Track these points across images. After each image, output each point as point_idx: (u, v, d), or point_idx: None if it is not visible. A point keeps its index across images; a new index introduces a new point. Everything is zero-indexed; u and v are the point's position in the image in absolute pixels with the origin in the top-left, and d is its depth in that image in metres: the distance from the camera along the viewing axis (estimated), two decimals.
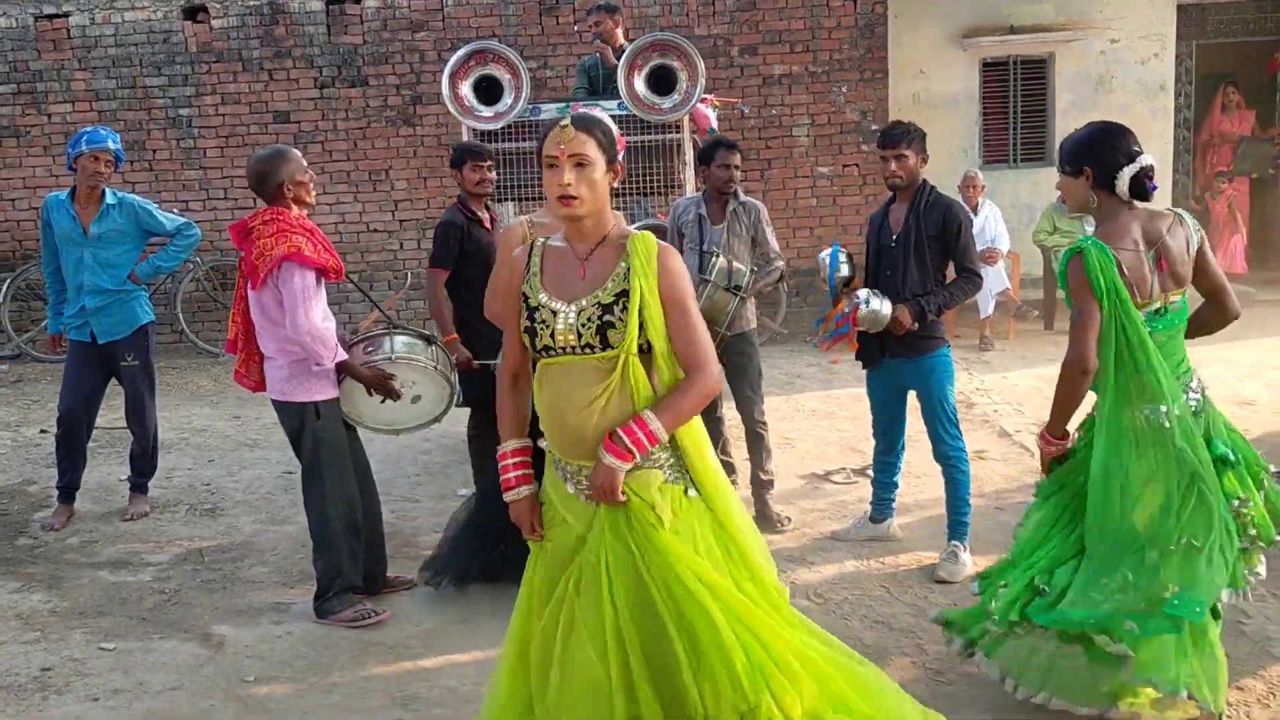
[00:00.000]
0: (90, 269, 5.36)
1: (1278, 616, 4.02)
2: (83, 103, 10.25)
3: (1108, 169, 3.24)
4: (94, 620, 4.41)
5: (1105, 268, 3.15)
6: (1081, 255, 3.16)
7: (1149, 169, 3.24)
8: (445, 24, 10.15)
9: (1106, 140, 3.28)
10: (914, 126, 4.59)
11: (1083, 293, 3.16)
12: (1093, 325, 3.16)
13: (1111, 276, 3.15)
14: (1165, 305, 3.25)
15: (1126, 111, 11.37)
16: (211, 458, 6.75)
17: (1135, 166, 3.21)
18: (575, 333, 2.65)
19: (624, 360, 2.65)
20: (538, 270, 2.76)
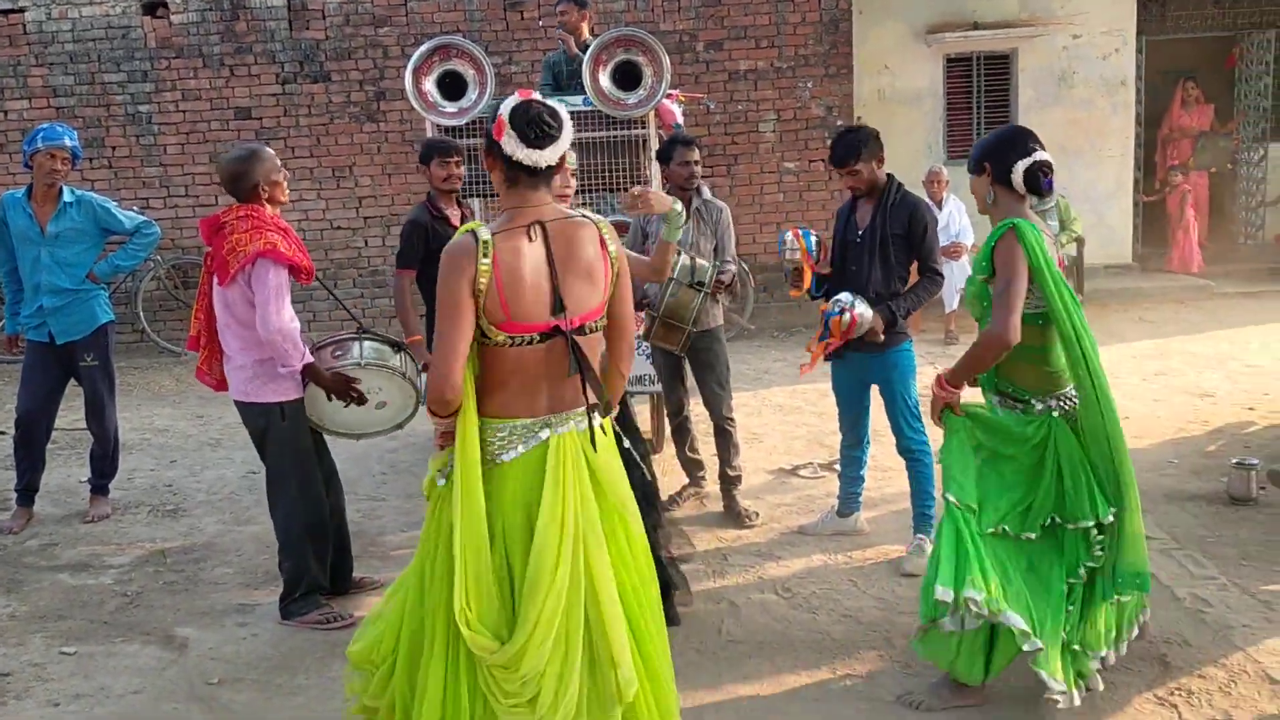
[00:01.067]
0: (48, 268, 5.28)
1: (1238, 605, 4.07)
2: (40, 99, 10.10)
3: (1005, 164, 3.38)
4: (54, 624, 4.34)
5: (1040, 243, 3.25)
6: (1015, 230, 3.24)
7: (1043, 164, 3.36)
8: (408, 19, 10.08)
9: (1006, 139, 3.45)
10: (862, 134, 4.56)
11: (1017, 266, 3.22)
12: (1019, 297, 3.22)
13: (1045, 252, 3.24)
14: None
15: (1088, 106, 11.52)
16: (174, 458, 6.67)
17: (1029, 160, 3.35)
18: None
19: None
20: None
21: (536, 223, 2.75)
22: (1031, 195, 3.41)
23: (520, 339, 2.71)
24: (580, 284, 2.76)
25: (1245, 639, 3.80)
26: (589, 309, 2.79)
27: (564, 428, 2.77)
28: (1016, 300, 3.21)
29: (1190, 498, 5.28)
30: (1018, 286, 3.22)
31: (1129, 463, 3.36)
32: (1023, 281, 3.22)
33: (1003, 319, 3.21)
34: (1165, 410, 6.86)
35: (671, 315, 4.87)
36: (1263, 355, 8.24)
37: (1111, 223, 11.72)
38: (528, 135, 2.73)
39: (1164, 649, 3.75)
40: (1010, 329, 3.21)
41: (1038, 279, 3.24)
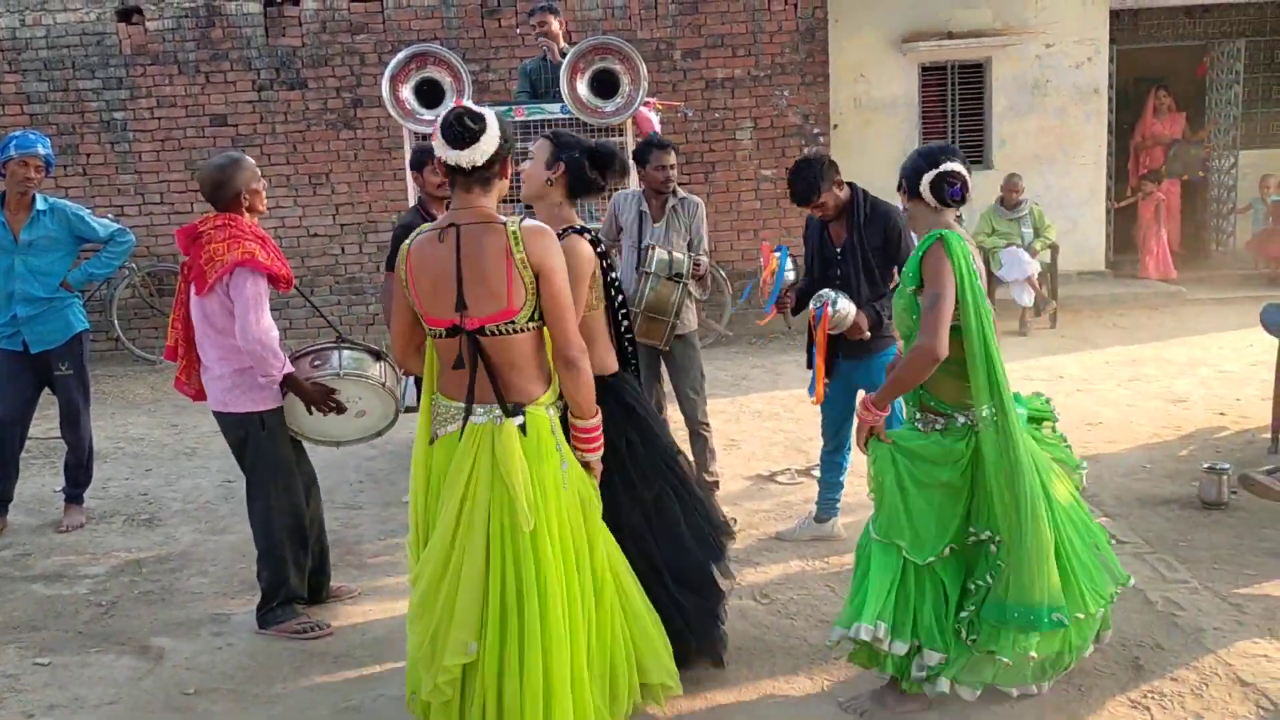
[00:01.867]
0: (21, 277, 5.24)
1: (1210, 609, 4.11)
2: (13, 106, 10.03)
3: (914, 180, 3.36)
4: (28, 635, 4.31)
5: (966, 254, 3.20)
6: (942, 240, 3.20)
7: (948, 174, 3.28)
8: (385, 26, 10.07)
9: (919, 155, 3.42)
10: (816, 168, 4.52)
11: (945, 277, 3.16)
12: (948, 311, 3.16)
13: (970, 264, 3.20)
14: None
15: (1062, 115, 11.63)
16: (149, 467, 6.63)
17: (934, 172, 3.29)
18: None
19: None
20: None
21: (451, 225, 2.98)
22: (944, 206, 3.34)
23: (435, 331, 3.03)
24: (480, 287, 2.94)
25: (1217, 642, 3.84)
26: (491, 312, 2.95)
27: (480, 418, 3.01)
28: (946, 313, 3.15)
29: (1163, 502, 5.33)
30: (948, 300, 3.15)
31: (1025, 498, 3.18)
32: (952, 294, 3.15)
33: (932, 333, 3.14)
34: (1138, 415, 6.93)
35: (653, 309, 4.90)
36: (1234, 361, 8.33)
37: (1085, 230, 11.82)
38: (448, 136, 2.95)
39: (1136, 652, 3.78)
40: (940, 343, 3.14)
41: (958, 292, 3.17)
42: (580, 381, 3.07)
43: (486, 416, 3.01)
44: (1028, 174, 10.71)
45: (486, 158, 2.96)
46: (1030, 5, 11.50)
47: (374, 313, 10.33)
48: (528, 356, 3.04)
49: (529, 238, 2.97)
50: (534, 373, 3.06)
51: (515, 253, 2.94)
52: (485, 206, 3.03)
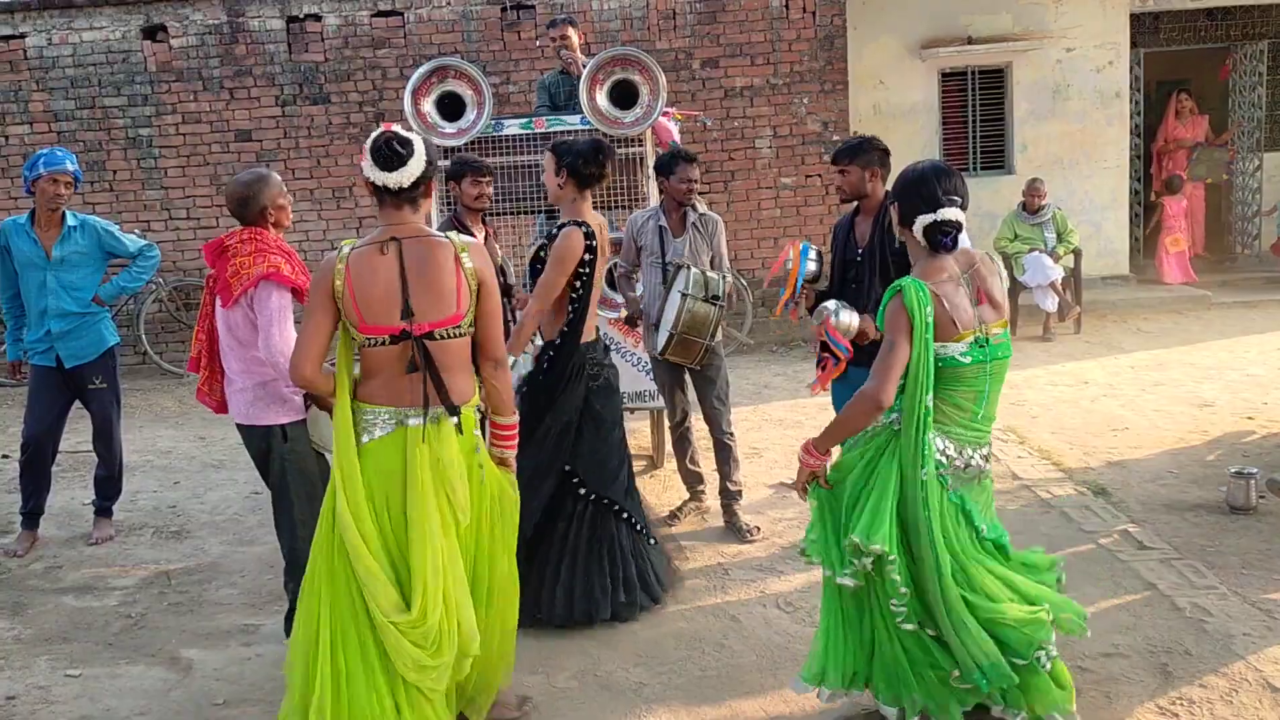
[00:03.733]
0: (54, 292, 5.30)
1: (1239, 614, 4.08)
2: (41, 124, 10.16)
3: (908, 212, 3.23)
4: (59, 646, 4.36)
5: (922, 304, 3.11)
6: (901, 292, 3.13)
7: (944, 224, 3.15)
8: (407, 41, 10.15)
9: (917, 185, 3.22)
10: (868, 143, 4.57)
11: (899, 327, 3.12)
12: (899, 363, 3.12)
13: (926, 317, 3.10)
14: (986, 335, 3.20)
15: (1083, 119, 11.58)
16: (177, 479, 6.69)
17: (930, 218, 3.15)
18: None
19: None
20: None
21: (392, 239, 3.21)
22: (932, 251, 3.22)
23: (374, 340, 3.17)
24: (428, 295, 3.16)
25: (1246, 648, 3.81)
26: (439, 317, 3.17)
27: (416, 420, 3.19)
28: (895, 362, 3.12)
29: (1190, 507, 5.29)
30: (899, 349, 3.11)
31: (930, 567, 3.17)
32: (904, 344, 3.11)
33: (879, 380, 3.12)
34: (1164, 420, 6.88)
35: (690, 331, 4.91)
36: (1261, 365, 8.26)
37: (1108, 234, 11.76)
38: (377, 160, 3.27)
39: (1165, 658, 3.76)
40: (885, 391, 3.11)
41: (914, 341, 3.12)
42: (506, 382, 3.42)
43: (420, 419, 3.20)
44: (1050, 179, 10.67)
45: (413, 179, 3.24)
46: (1050, 10, 11.46)
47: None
48: (464, 360, 3.30)
49: (473, 253, 3.27)
50: (468, 375, 3.33)
51: (464, 264, 3.22)
52: (416, 222, 3.30)
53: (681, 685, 3.81)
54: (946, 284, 3.18)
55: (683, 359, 5.06)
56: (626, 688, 3.81)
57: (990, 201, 11.30)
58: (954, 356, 3.18)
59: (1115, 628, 4.03)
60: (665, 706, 3.66)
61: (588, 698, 3.72)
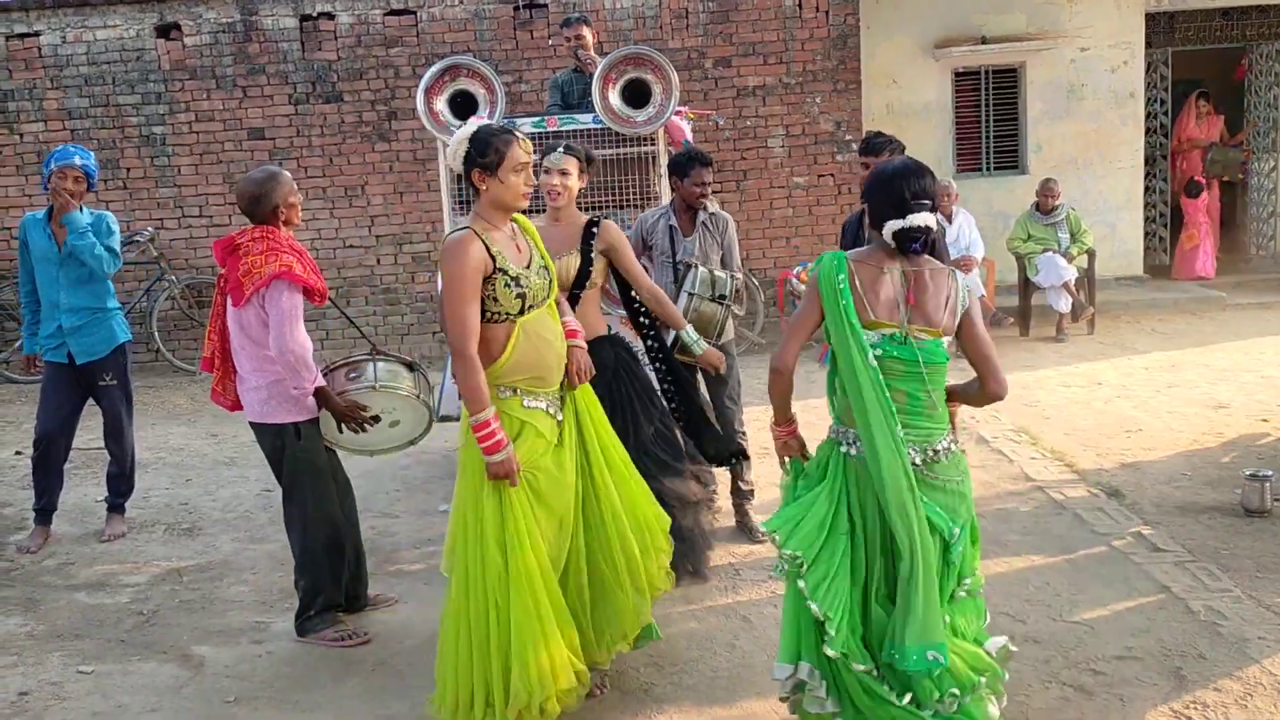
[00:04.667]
0: (65, 287, 5.33)
1: (1253, 618, 4.06)
2: (55, 121, 10.20)
3: (877, 214, 3.13)
4: (72, 643, 4.37)
5: (833, 273, 3.07)
6: (820, 264, 3.15)
7: (914, 230, 3.04)
8: (419, 39, 10.16)
9: (888, 184, 3.12)
10: (894, 139, 4.64)
11: (808, 294, 3.15)
12: (801, 327, 3.17)
13: (834, 283, 3.05)
14: (906, 335, 3.06)
15: (1097, 119, 11.53)
16: (189, 477, 6.71)
17: (900, 223, 3.04)
18: (543, 288, 3.53)
19: (553, 302, 3.64)
20: (499, 251, 3.45)
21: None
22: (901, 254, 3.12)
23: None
24: None
25: (1261, 651, 3.79)
26: None
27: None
28: (795, 327, 3.18)
29: (1204, 510, 5.26)
30: (803, 312, 3.15)
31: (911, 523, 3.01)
32: (806, 310, 3.13)
33: (780, 344, 3.23)
34: (1178, 422, 6.85)
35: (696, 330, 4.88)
36: (1276, 366, 8.21)
37: (1122, 235, 11.71)
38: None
39: (1179, 662, 3.74)
40: (779, 354, 3.19)
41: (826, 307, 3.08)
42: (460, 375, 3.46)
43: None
44: (1064, 179, 10.62)
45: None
46: (1064, 9, 11.41)
47: (409, 323, 10.41)
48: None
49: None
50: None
51: None
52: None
53: (692, 686, 3.80)
54: (868, 268, 3.09)
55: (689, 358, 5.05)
56: (636, 688, 3.80)
57: (1004, 201, 11.26)
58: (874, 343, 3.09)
59: (1128, 631, 4.01)
60: (675, 707, 3.66)
61: (598, 697, 3.72)
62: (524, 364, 3.46)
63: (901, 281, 3.11)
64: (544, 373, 3.50)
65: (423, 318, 10.40)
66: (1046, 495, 5.60)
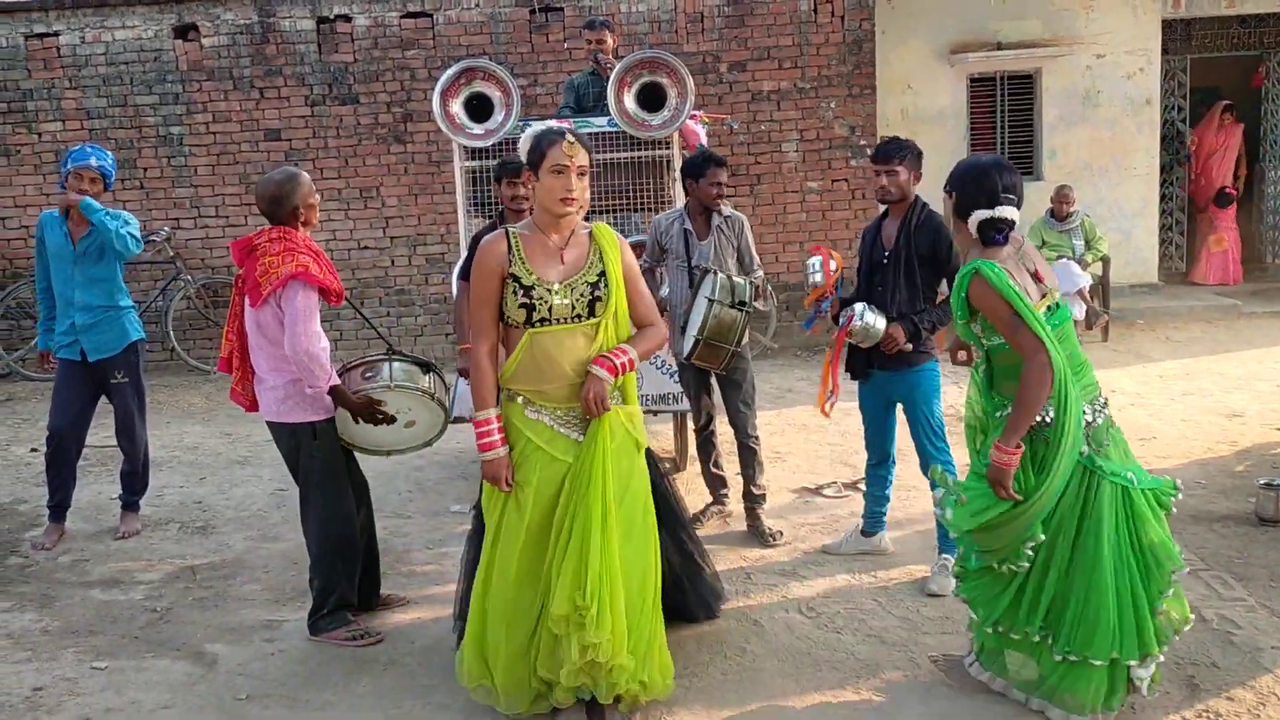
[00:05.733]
0: (79, 285, 5.36)
1: (1267, 627, 4.04)
2: (73, 121, 10.26)
3: (965, 204, 3.28)
4: (86, 639, 4.40)
5: (1001, 276, 3.21)
6: (978, 271, 3.21)
7: (999, 221, 3.21)
8: (435, 42, 10.19)
9: (982, 176, 3.30)
10: (909, 143, 4.63)
11: (996, 301, 3.19)
12: (1021, 321, 3.18)
13: (1009, 285, 3.20)
14: (1056, 302, 3.37)
15: (1113, 126, 11.50)
16: (203, 475, 6.74)
17: (988, 213, 3.23)
18: (571, 306, 3.36)
19: (604, 324, 3.42)
20: (522, 256, 3.39)
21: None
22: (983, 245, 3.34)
23: None
24: None
25: (1274, 661, 3.77)
26: None
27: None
28: (1022, 325, 3.18)
29: (1218, 519, 5.24)
30: (1012, 315, 3.19)
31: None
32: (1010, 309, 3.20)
33: (1031, 347, 3.17)
34: (1192, 430, 6.82)
35: (715, 336, 4.88)
36: None
37: (1137, 242, 11.68)
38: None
39: (1191, 671, 3.73)
40: (1041, 350, 3.17)
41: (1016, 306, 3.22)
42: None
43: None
44: (1079, 185, 10.60)
45: None
46: (1081, 16, 11.39)
47: (422, 324, 10.44)
48: None
49: None
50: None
51: None
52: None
53: (702, 689, 3.80)
54: (1008, 262, 3.27)
55: (708, 364, 5.05)
56: None
57: None
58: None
59: None
60: (686, 710, 3.66)
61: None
62: (524, 376, 3.43)
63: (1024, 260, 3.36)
64: (545, 389, 3.42)
65: (436, 319, 10.42)
66: None
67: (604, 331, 3.41)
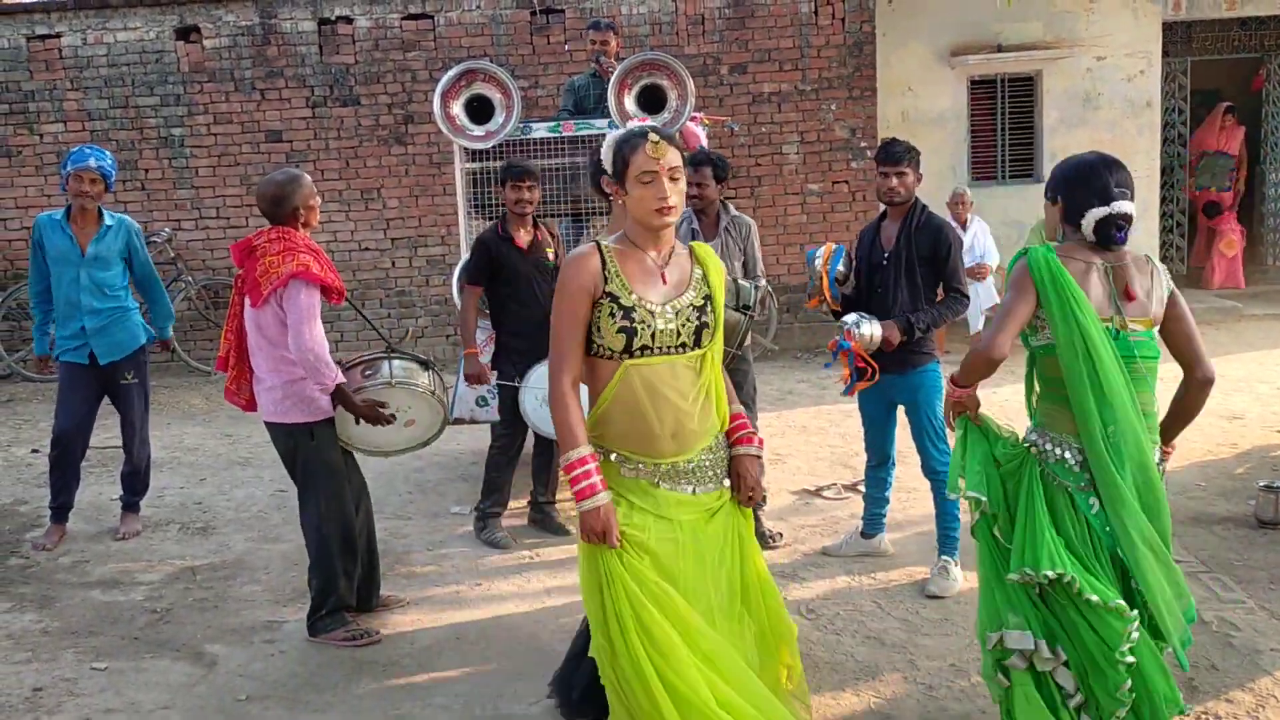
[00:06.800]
0: (87, 289, 5.36)
1: (1266, 629, 4.04)
2: (74, 122, 10.27)
3: (1076, 206, 3.05)
4: (86, 640, 4.40)
5: (1050, 263, 2.97)
6: (1026, 256, 3.03)
7: (1119, 216, 2.99)
8: (436, 44, 10.20)
9: (1084, 176, 3.07)
10: (912, 145, 4.63)
11: (1019, 283, 3.00)
12: (1014, 317, 2.99)
13: (1057, 272, 2.95)
14: (1122, 329, 2.99)
15: (1114, 128, 11.50)
16: (203, 476, 6.74)
17: (1104, 210, 2.99)
18: (675, 332, 2.85)
19: (709, 356, 2.92)
20: (619, 273, 2.87)
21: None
22: (1100, 246, 3.03)
23: None
24: None
25: (1273, 663, 3.77)
26: None
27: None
28: (1009, 314, 3.00)
29: (1218, 521, 5.24)
30: (1012, 305, 3.00)
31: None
32: (1021, 298, 2.99)
33: (991, 332, 3.03)
34: (1193, 432, 6.76)
35: None
36: None
37: (1137, 243, 11.52)
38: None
39: (1191, 673, 3.72)
40: (995, 344, 2.99)
41: (1046, 298, 2.96)
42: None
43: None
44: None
45: None
46: (1081, 18, 11.39)
47: (423, 325, 10.45)
48: None
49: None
50: None
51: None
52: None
53: None
54: (1075, 263, 3.01)
55: None
56: None
57: (1018, 210, 11.24)
58: None
59: None
60: None
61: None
62: (618, 418, 2.85)
63: (1108, 276, 3.03)
64: (646, 439, 2.84)
65: (437, 320, 10.43)
66: None
67: (709, 365, 2.93)
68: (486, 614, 4.49)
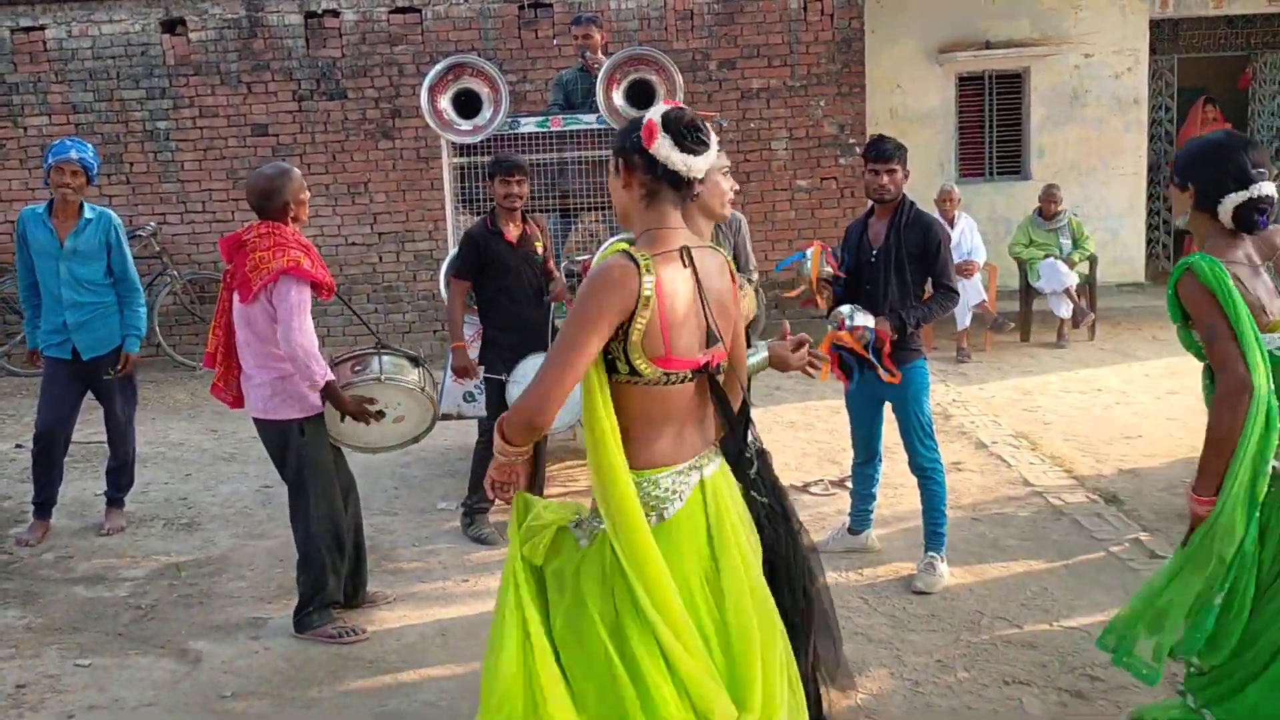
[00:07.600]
0: (67, 283, 5.32)
1: None
2: (59, 115, 10.20)
3: (1212, 192, 2.80)
4: (69, 636, 4.37)
5: (1221, 278, 2.73)
6: (1191, 269, 2.76)
7: (1262, 200, 2.75)
8: (424, 37, 10.17)
9: (1217, 158, 2.81)
10: (900, 142, 4.62)
11: (1207, 306, 2.73)
12: (1231, 339, 2.71)
13: (1229, 289, 2.72)
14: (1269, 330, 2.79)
15: (1101, 125, 11.55)
16: (189, 472, 6.71)
17: (1243, 195, 2.76)
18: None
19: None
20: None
21: (684, 248, 2.48)
22: (1239, 232, 2.82)
23: (675, 376, 2.45)
24: (721, 319, 2.56)
25: None
26: (726, 345, 2.59)
27: (712, 467, 2.56)
28: (1228, 340, 2.72)
29: None
30: (1221, 328, 2.73)
31: None
32: (1224, 323, 2.73)
33: (1228, 368, 2.71)
34: (1178, 429, 6.84)
35: None
36: None
37: (1125, 240, 11.73)
38: (684, 140, 2.43)
39: (1175, 668, 3.73)
40: (1239, 374, 2.69)
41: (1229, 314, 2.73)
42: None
43: (717, 462, 2.61)
44: (1066, 185, 10.63)
45: (705, 169, 2.54)
46: (1069, 15, 11.43)
47: (410, 320, 10.42)
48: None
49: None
50: None
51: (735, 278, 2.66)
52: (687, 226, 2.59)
53: None
54: (1242, 267, 2.80)
55: None
56: None
57: (1006, 207, 11.28)
58: (1273, 351, 2.79)
59: None
60: None
61: None
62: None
63: (1271, 273, 2.86)
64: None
65: (424, 315, 10.40)
66: (1045, 501, 5.60)
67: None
68: (473, 610, 4.48)
